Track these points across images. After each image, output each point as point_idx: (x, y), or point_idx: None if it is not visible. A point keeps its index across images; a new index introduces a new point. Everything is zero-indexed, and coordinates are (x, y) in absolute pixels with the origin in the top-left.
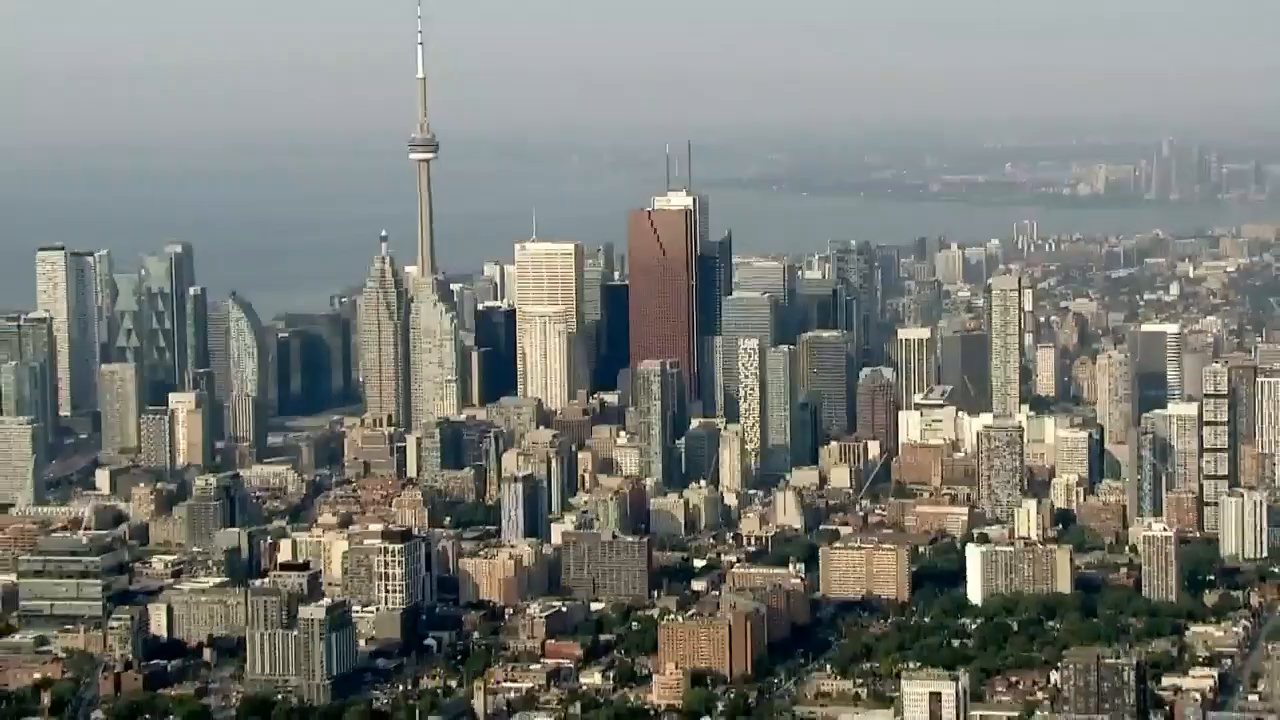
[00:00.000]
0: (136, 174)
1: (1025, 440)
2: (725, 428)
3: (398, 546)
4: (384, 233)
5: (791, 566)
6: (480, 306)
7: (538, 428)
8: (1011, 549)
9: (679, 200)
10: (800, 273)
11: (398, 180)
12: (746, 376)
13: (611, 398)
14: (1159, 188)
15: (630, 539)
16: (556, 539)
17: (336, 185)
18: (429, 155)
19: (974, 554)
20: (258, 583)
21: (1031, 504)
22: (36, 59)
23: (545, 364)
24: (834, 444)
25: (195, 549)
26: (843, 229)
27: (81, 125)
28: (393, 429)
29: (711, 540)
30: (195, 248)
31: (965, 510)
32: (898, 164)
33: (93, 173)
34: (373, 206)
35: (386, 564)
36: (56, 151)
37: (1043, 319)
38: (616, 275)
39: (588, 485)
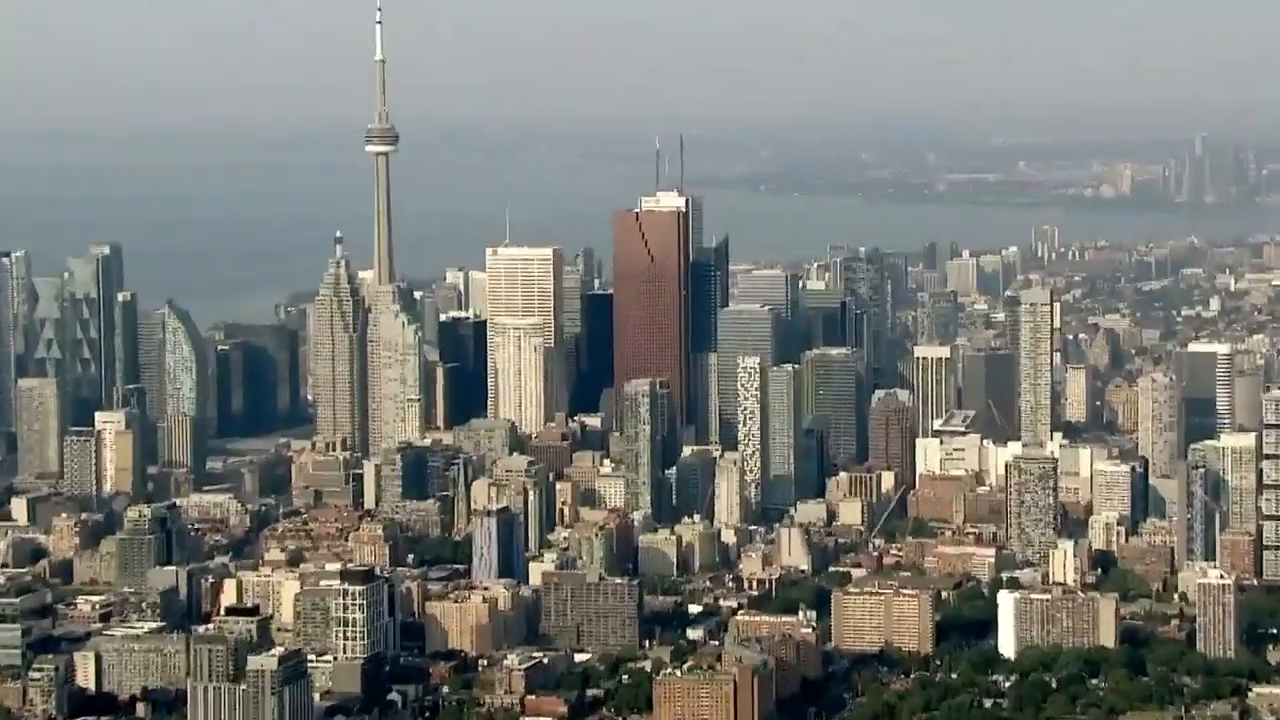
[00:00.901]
0: (60, 167)
1: (1059, 473)
2: (722, 456)
3: (358, 588)
4: (339, 234)
5: (802, 614)
6: (444, 317)
7: (511, 454)
8: (1048, 596)
9: (670, 201)
10: (802, 283)
11: (353, 175)
12: (745, 399)
13: (593, 421)
14: (1192, 190)
15: (619, 581)
16: (535, 580)
17: (284, 180)
18: (388, 148)
19: (1006, 601)
20: (200, 629)
21: (1068, 545)
22: None
23: (519, 382)
24: (843, 475)
25: (127, 589)
26: (841, 233)
27: None
28: (348, 454)
29: (708, 583)
30: (125, 249)
31: (992, 551)
32: (897, 162)
33: (9, 166)
34: (324, 205)
35: (345, 608)
36: None
37: (1070, 336)
38: (597, 283)
39: (568, 519)
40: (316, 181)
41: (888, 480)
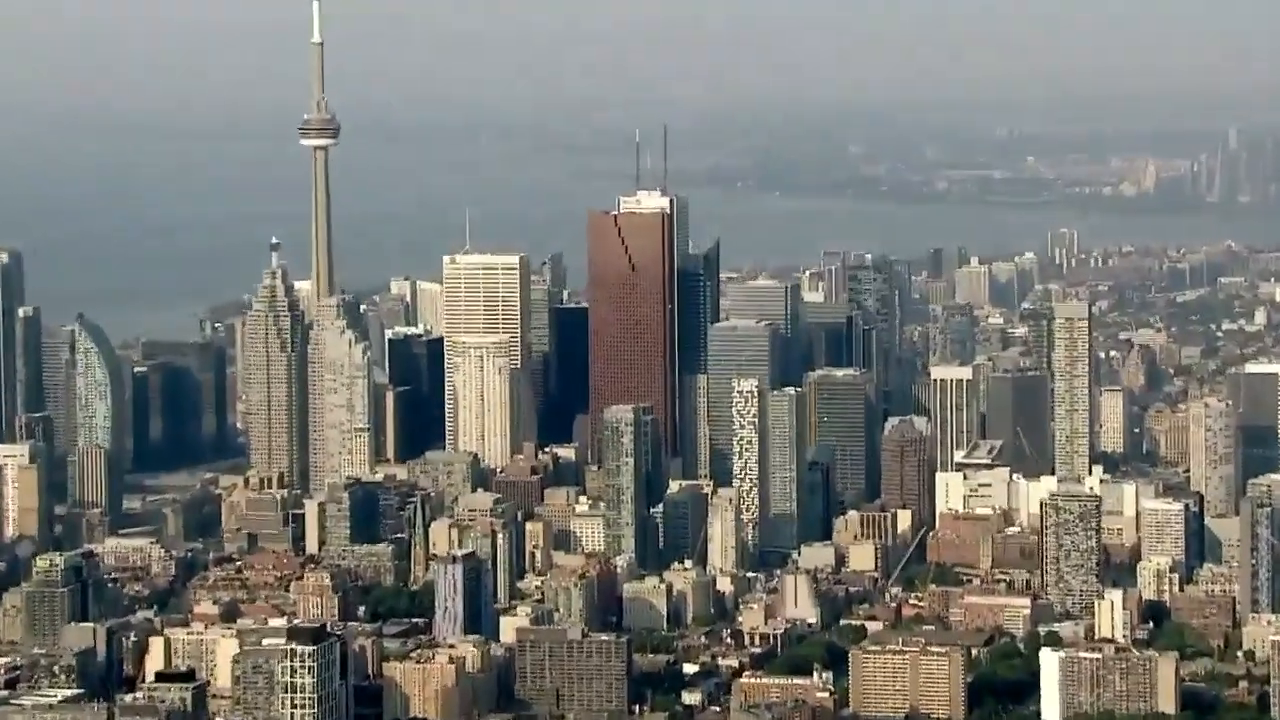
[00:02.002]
0: None
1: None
2: (714, 493)
3: (307, 648)
4: (275, 239)
5: (816, 675)
6: (391, 334)
7: (474, 491)
8: (1098, 655)
9: (652, 201)
10: (801, 294)
11: (288, 171)
12: (741, 427)
13: (566, 452)
14: (1225, 188)
15: (605, 638)
16: (507, 636)
17: (209, 175)
18: (327, 141)
19: (1049, 661)
20: (125, 697)
21: (1116, 595)
22: None
23: (482, 408)
24: (852, 514)
25: (36, 650)
26: (832, 237)
27: None
28: (286, 491)
29: (704, 638)
30: (27, 256)
31: (1027, 602)
32: (891, 156)
33: None
34: (255, 204)
35: (293, 671)
36: None
37: (1101, 354)
38: (565, 295)
39: (539, 565)
40: (247, 177)
41: (903, 520)
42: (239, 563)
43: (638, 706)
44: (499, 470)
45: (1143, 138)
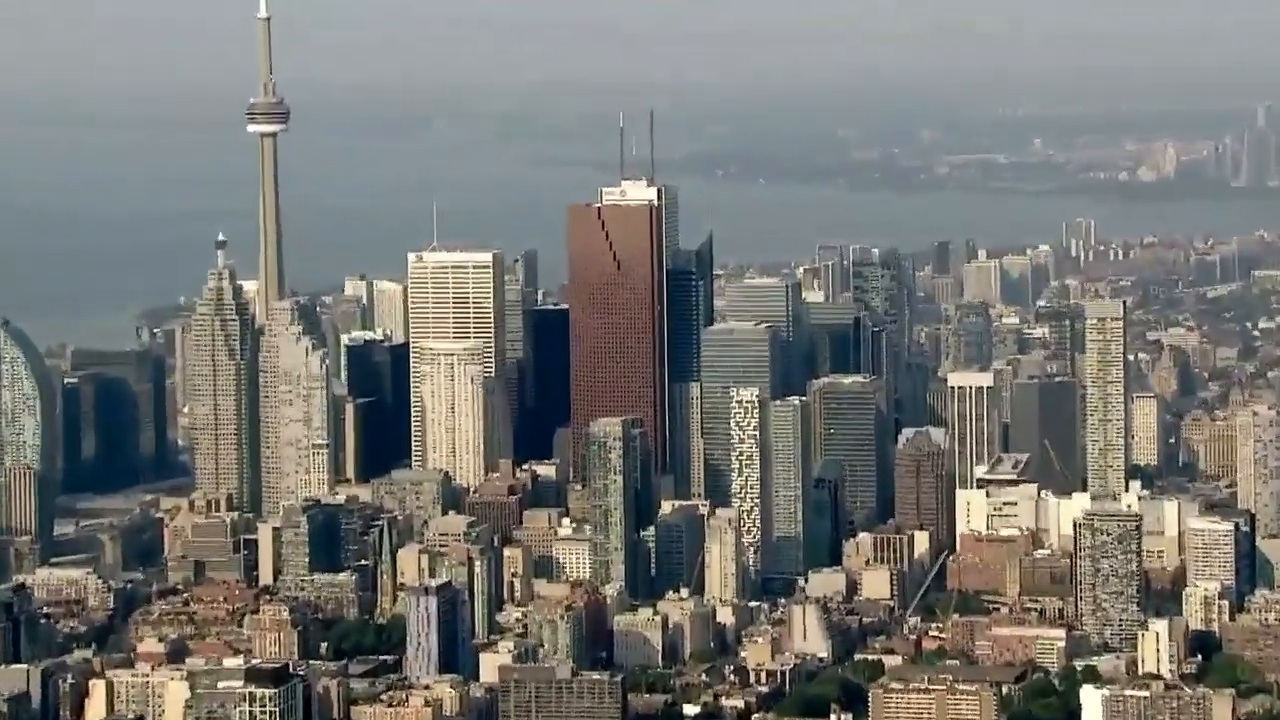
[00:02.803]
0: None
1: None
2: (712, 514)
3: (268, 691)
4: (221, 236)
5: (835, 717)
6: (348, 339)
7: (446, 513)
8: (1146, 693)
9: (638, 192)
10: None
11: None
12: (740, 441)
13: (546, 470)
14: (1254, 172)
15: (596, 676)
16: (487, 675)
17: (148, 165)
18: (276, 127)
19: (1092, 699)
20: None
21: (1161, 625)
22: None
23: (453, 421)
24: (864, 536)
25: None
26: (825, 228)
27: None
28: (236, 515)
29: (704, 675)
30: None
31: (1061, 633)
32: (885, 139)
33: None
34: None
35: (252, 716)
36: None
37: (1129, 357)
38: (540, 295)
39: (519, 595)
40: (187, 166)
41: (921, 542)
42: (185, 595)
43: None
44: (472, 490)
45: (1159, 118)
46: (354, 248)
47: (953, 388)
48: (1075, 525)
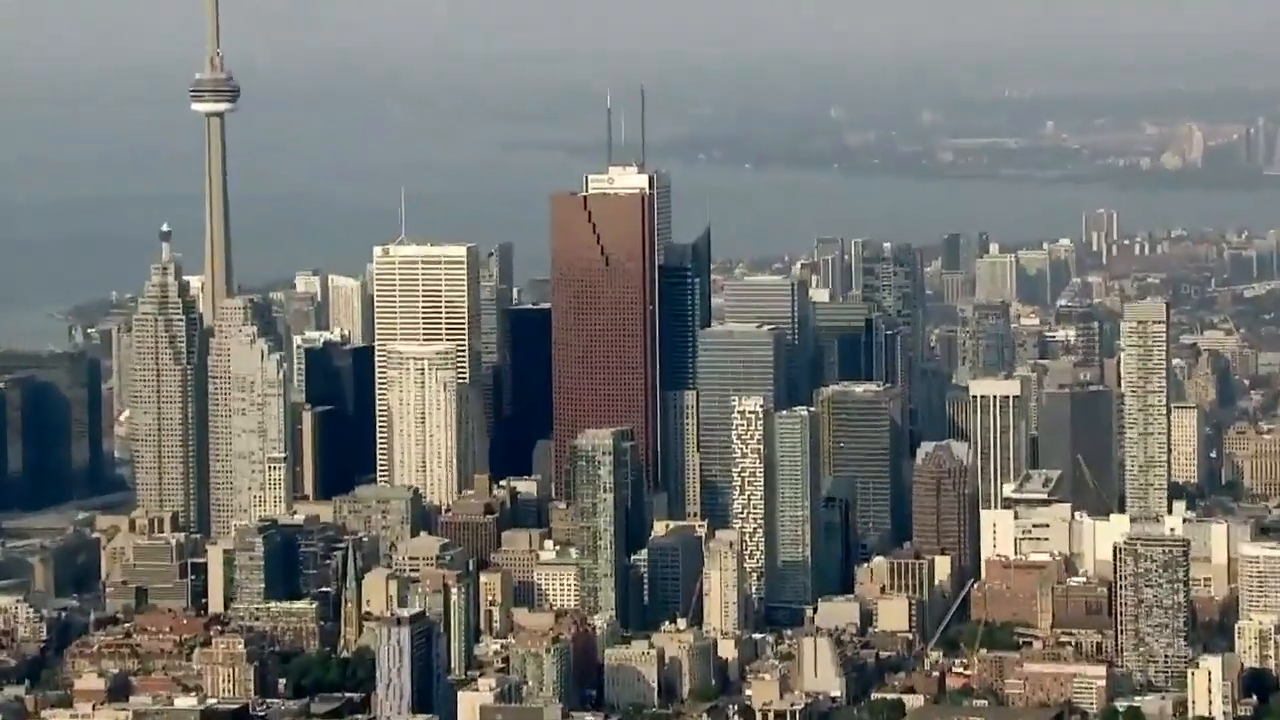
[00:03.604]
0: None
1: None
2: (711, 536)
3: None
4: (166, 226)
5: None
6: (301, 340)
7: (416, 534)
8: None
9: (628, 180)
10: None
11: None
12: (743, 455)
13: (526, 486)
14: None
15: (589, 717)
16: (466, 715)
17: (84, 147)
18: (223, 106)
19: None
20: None
21: (1213, 662)
22: None
23: (424, 433)
24: (879, 561)
25: None
26: (820, 219)
27: None
28: (182, 535)
29: (704, 716)
30: None
31: (1101, 670)
32: (882, 122)
33: None
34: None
35: None
36: None
37: None
38: (517, 293)
39: (497, 626)
40: (127, 149)
41: (942, 568)
42: (127, 625)
43: None
44: (445, 509)
45: (1183, 99)
46: (306, 240)
47: (975, 397)
48: (1115, 550)
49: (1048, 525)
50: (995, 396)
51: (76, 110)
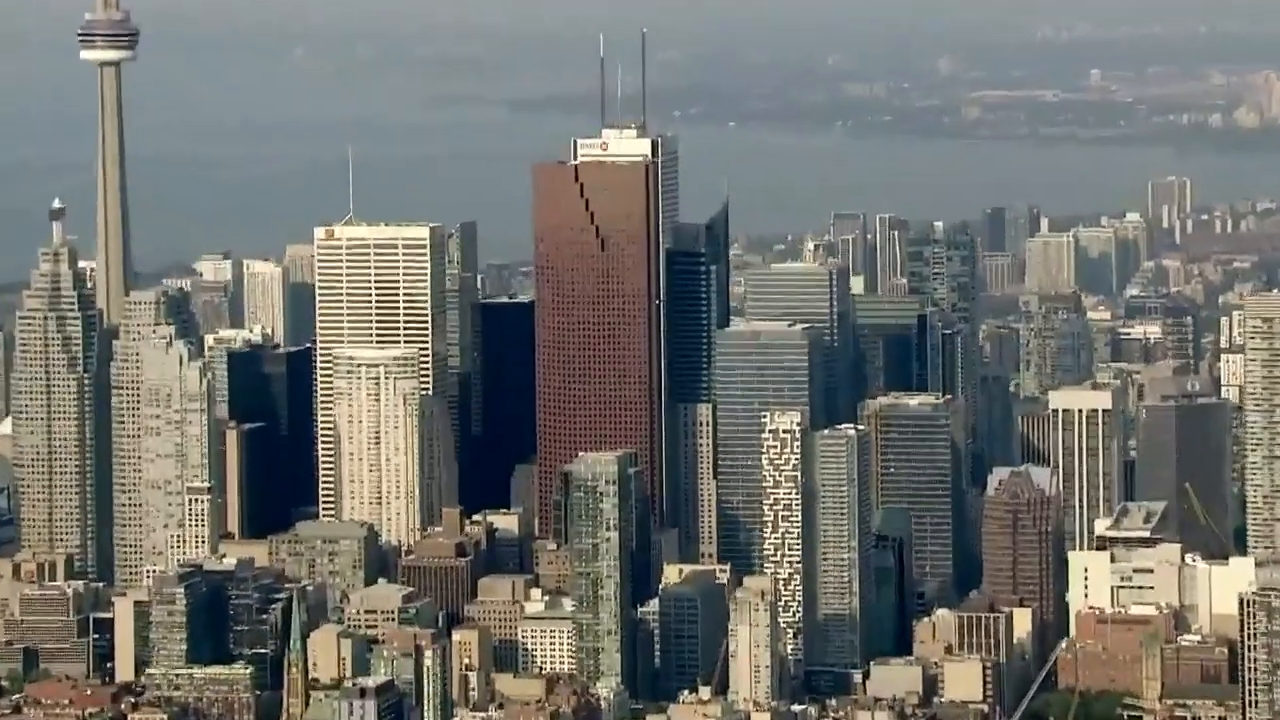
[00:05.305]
0: None
1: None
2: (738, 583)
3: None
4: (57, 202)
5: None
6: (214, 341)
7: (372, 581)
8: None
9: (627, 146)
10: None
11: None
12: (776, 484)
13: (505, 521)
14: None
15: None
16: None
17: None
18: (120, 54)
19: None
20: None
21: None
22: None
23: (379, 457)
24: (943, 614)
25: None
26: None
27: None
28: (81, 584)
29: None
30: None
31: None
32: (891, 71)
33: None
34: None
35: None
36: None
37: None
38: (482, 283)
39: (474, 695)
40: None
41: (1021, 623)
42: (16, 697)
43: None
44: (407, 550)
45: (1257, 43)
46: (214, 215)
47: (1054, 411)
48: (1242, 602)
49: (1151, 570)
50: (1081, 411)
51: None
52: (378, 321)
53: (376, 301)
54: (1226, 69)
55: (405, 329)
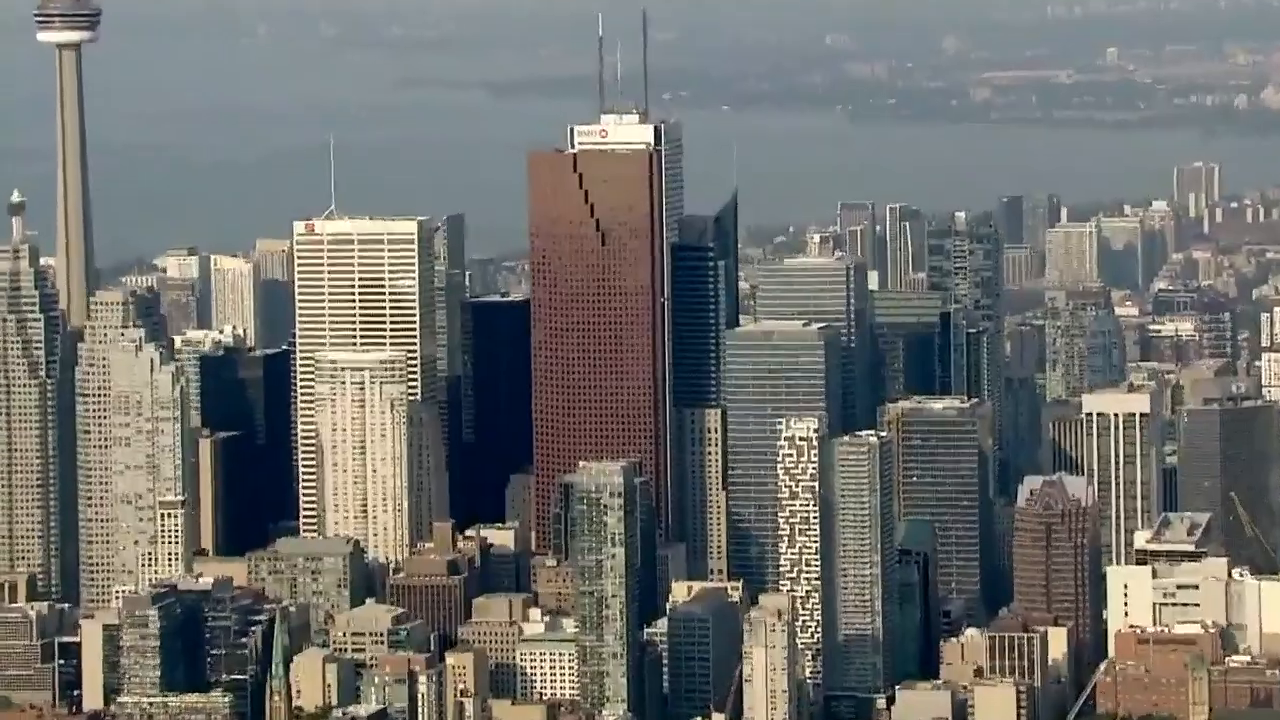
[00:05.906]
0: None
1: None
2: (751, 602)
3: None
4: (17, 195)
5: None
6: (182, 343)
7: (359, 601)
8: None
9: (628, 132)
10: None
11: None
12: (793, 496)
13: (500, 536)
14: None
15: None
16: None
17: None
18: (80, 35)
19: None
20: None
21: None
22: None
23: (365, 468)
24: (972, 634)
25: None
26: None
27: None
28: (44, 606)
29: None
30: None
31: None
32: (894, 51)
33: None
34: None
35: None
36: None
37: None
38: (468, 280)
39: None
40: None
41: (1056, 644)
42: None
43: None
44: (395, 568)
45: (1278, 18)
46: (178, 207)
47: (1088, 415)
48: None
49: (1196, 587)
50: (1118, 415)
51: None
52: (362, 322)
53: (360, 301)
54: (1249, 46)
55: (392, 330)
